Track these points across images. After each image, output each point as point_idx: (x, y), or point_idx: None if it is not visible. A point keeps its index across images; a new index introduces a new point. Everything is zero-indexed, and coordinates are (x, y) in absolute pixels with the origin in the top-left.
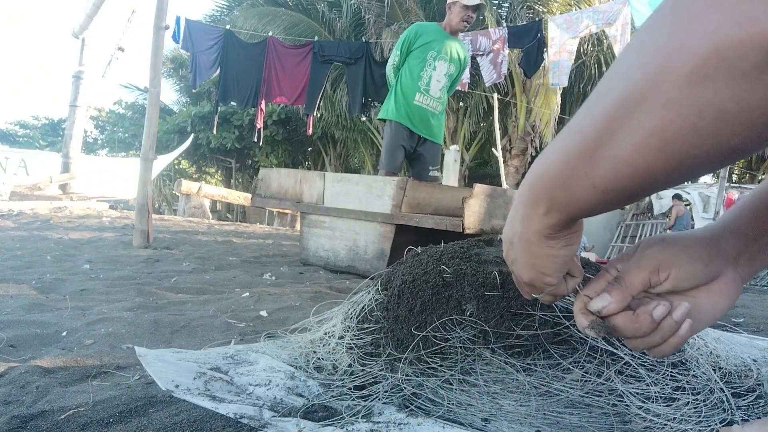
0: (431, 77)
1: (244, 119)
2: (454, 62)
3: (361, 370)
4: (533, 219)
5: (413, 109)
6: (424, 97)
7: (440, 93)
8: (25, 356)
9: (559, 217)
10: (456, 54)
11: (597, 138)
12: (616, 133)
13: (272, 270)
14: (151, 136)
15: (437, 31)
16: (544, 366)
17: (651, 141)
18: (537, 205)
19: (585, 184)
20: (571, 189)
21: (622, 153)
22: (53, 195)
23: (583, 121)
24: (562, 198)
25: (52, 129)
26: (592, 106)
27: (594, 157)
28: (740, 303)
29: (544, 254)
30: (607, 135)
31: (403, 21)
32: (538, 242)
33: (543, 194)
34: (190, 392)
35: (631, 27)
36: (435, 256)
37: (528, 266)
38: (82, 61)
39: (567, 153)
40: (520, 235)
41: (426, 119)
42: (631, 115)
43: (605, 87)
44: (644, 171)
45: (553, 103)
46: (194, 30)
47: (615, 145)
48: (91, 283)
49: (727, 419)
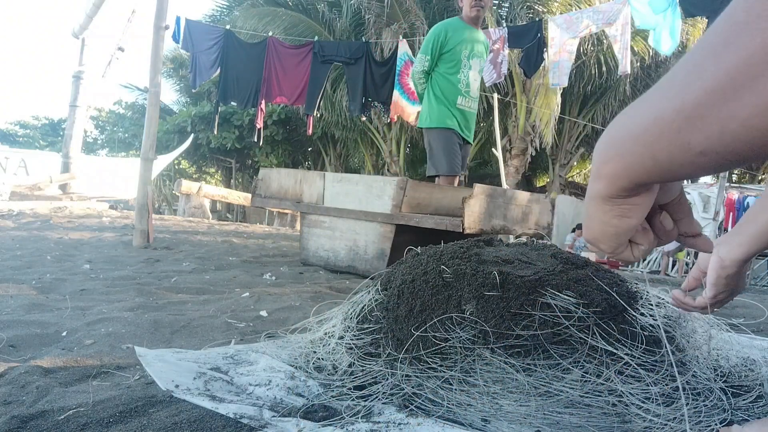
0: (469, 77)
1: (244, 119)
2: (481, 57)
3: (361, 370)
4: (596, 179)
5: (457, 113)
6: (466, 99)
7: (477, 93)
8: (25, 356)
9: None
10: (482, 47)
11: (706, 95)
12: (735, 91)
13: (272, 270)
14: (151, 136)
15: (462, 27)
16: (543, 366)
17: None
18: (605, 164)
19: (677, 143)
20: (655, 148)
21: (740, 113)
22: (53, 195)
23: (687, 77)
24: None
25: (52, 129)
26: (700, 64)
27: (698, 115)
28: (740, 303)
29: (598, 218)
30: (721, 93)
31: (403, 21)
32: (594, 204)
33: (614, 153)
34: (190, 392)
35: (631, 27)
36: (435, 256)
37: (587, 226)
38: (82, 61)
39: (660, 110)
40: (590, 189)
41: (467, 121)
42: (757, 74)
43: (720, 41)
44: (763, 134)
45: (553, 103)
46: (194, 30)
47: (730, 105)
48: (91, 283)
49: (727, 419)
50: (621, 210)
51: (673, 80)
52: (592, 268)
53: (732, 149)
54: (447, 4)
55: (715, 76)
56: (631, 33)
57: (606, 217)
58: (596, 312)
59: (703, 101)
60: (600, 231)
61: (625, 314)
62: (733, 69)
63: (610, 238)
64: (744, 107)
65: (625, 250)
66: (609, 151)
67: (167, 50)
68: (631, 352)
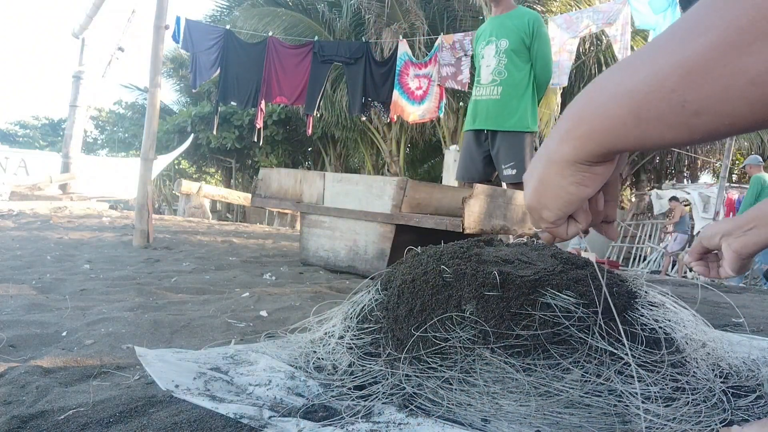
0: (481, 67)
1: (244, 119)
2: (505, 36)
3: (361, 370)
4: (564, 138)
5: (473, 107)
6: (479, 89)
7: (492, 76)
8: (25, 356)
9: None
10: (503, 27)
11: (712, 50)
12: (749, 45)
13: (272, 270)
14: (151, 136)
15: (489, 22)
16: (544, 366)
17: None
18: (579, 123)
19: (669, 101)
20: (641, 107)
21: (751, 70)
22: (53, 195)
23: (688, 32)
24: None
25: (52, 129)
26: (706, 17)
27: (699, 72)
28: (740, 303)
29: (555, 183)
30: (730, 48)
31: (403, 21)
32: (554, 168)
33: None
34: (190, 392)
35: (631, 27)
36: (435, 256)
37: (533, 191)
38: (82, 61)
39: (654, 67)
40: (545, 149)
41: (484, 109)
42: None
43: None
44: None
45: (553, 103)
46: (194, 30)
47: (741, 60)
48: (91, 283)
49: (727, 419)
50: (581, 177)
51: (672, 37)
52: (592, 268)
53: (732, 110)
54: (447, 4)
55: (724, 30)
56: (631, 33)
57: (564, 182)
58: (596, 312)
59: (709, 56)
60: (553, 197)
61: (625, 314)
62: (746, 22)
63: (561, 207)
64: (756, 63)
65: (562, 225)
66: (585, 111)
67: (167, 50)
68: (631, 352)
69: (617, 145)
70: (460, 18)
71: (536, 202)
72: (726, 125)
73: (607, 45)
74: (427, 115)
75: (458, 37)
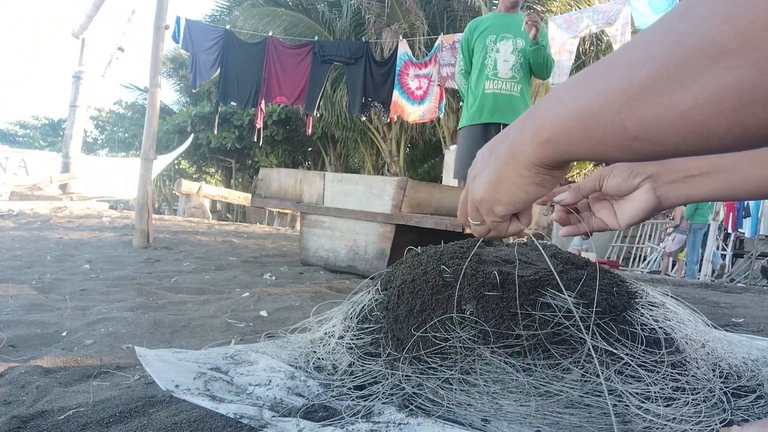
0: (496, 60)
1: (244, 119)
2: (521, 36)
3: (361, 370)
4: (527, 141)
5: (484, 99)
6: (494, 82)
7: (512, 72)
8: (25, 356)
9: (553, 152)
10: (514, 26)
11: (651, 81)
12: (681, 82)
13: (272, 270)
14: (151, 136)
15: (492, 17)
16: (543, 366)
17: (725, 100)
18: (540, 130)
19: (613, 123)
20: (590, 125)
21: (680, 105)
22: (53, 195)
23: (636, 58)
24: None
25: (52, 129)
26: (653, 45)
27: (639, 99)
28: (740, 303)
29: (512, 180)
30: (666, 81)
31: (403, 21)
32: (515, 164)
33: (552, 120)
34: (190, 392)
35: (631, 27)
36: (435, 256)
37: (488, 184)
38: (82, 61)
39: (605, 85)
40: (507, 147)
41: (502, 104)
42: (705, 67)
43: (674, 27)
44: (700, 129)
45: None
46: (194, 30)
47: (673, 94)
48: (91, 283)
49: (727, 419)
50: (540, 179)
51: (624, 56)
52: (592, 268)
53: (665, 139)
54: (447, 4)
55: (663, 63)
56: (631, 33)
57: (522, 182)
58: (596, 312)
59: (649, 85)
60: (507, 193)
61: (625, 314)
62: (682, 59)
63: (515, 203)
64: (686, 99)
65: (506, 222)
66: (546, 121)
67: (167, 50)
68: (631, 352)
69: (572, 155)
70: (460, 18)
71: (490, 196)
72: (660, 152)
73: (607, 45)
74: (427, 115)
75: (458, 37)
